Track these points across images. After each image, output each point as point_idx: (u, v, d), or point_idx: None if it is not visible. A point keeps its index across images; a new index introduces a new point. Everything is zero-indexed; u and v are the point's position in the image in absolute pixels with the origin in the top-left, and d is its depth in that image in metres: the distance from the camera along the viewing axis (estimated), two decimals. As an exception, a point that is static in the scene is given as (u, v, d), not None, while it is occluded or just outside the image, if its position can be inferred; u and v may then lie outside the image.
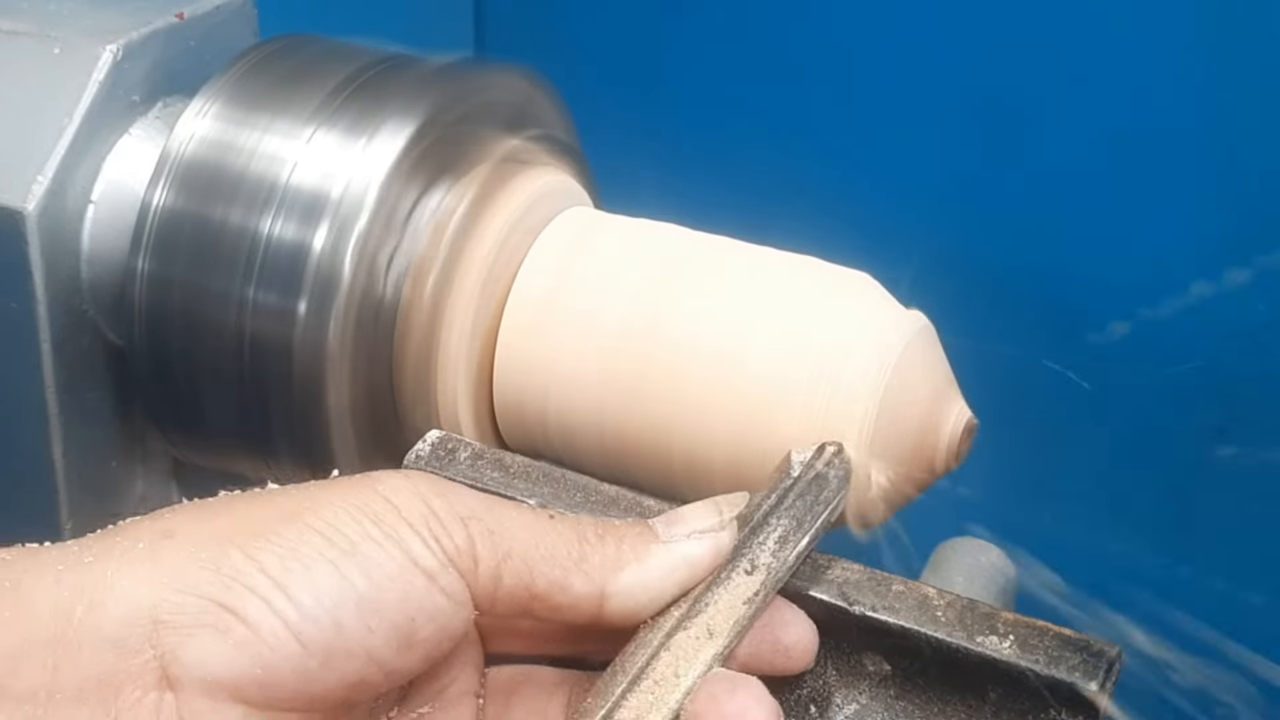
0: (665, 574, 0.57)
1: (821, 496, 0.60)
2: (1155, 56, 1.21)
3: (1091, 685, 0.56)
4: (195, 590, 0.51)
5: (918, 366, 0.69)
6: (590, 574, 0.56)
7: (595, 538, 0.57)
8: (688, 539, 0.57)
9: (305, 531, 0.52)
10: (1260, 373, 1.23)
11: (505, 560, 0.55)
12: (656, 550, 0.57)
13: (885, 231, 1.27)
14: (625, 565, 0.56)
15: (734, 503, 0.59)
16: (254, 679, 0.51)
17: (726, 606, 0.57)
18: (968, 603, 0.59)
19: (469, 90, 0.77)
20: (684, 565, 0.57)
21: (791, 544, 0.59)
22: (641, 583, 0.56)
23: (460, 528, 0.54)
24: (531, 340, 0.74)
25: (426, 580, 0.53)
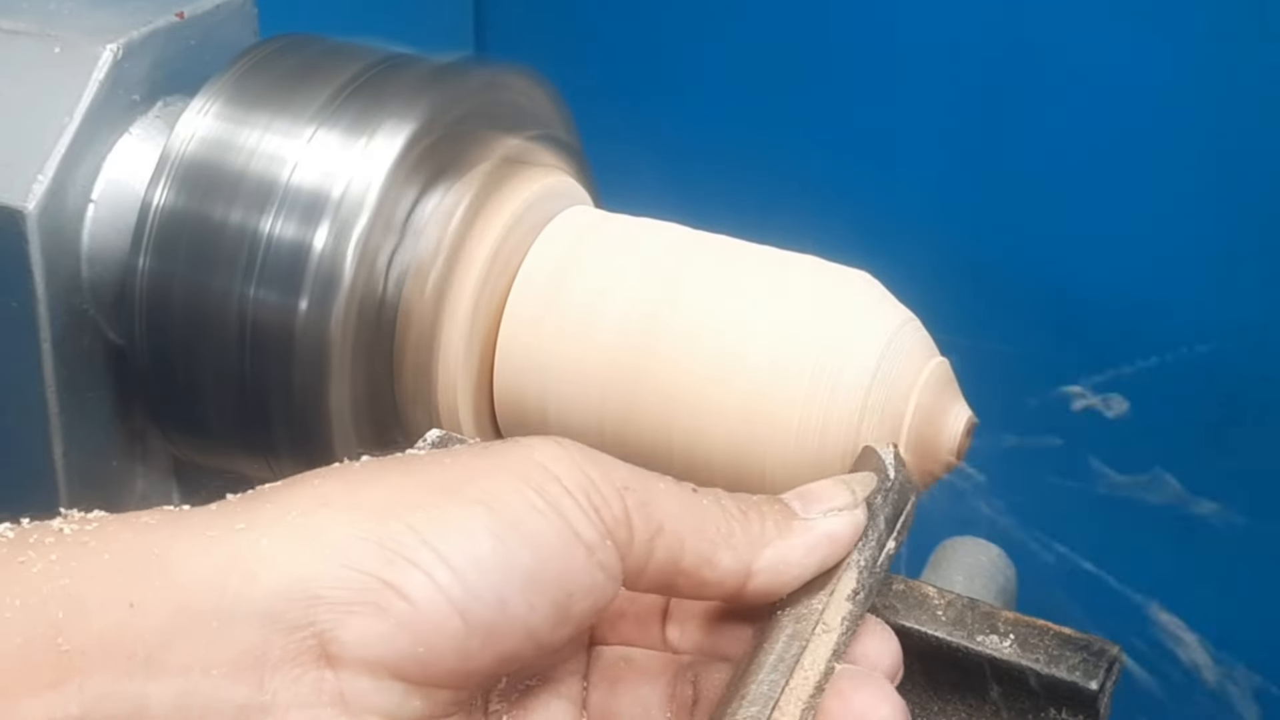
0: (808, 551, 0.55)
1: (905, 497, 0.59)
2: (1156, 56, 1.21)
3: (1091, 684, 0.56)
4: (356, 564, 0.48)
5: (917, 365, 0.69)
6: (737, 550, 0.54)
7: (739, 513, 0.55)
8: (825, 516, 0.56)
9: (468, 504, 0.49)
10: (1261, 372, 1.23)
11: (658, 534, 0.52)
12: (798, 527, 0.55)
13: (885, 231, 1.27)
14: (770, 542, 0.55)
15: (864, 483, 0.58)
16: (416, 658, 0.48)
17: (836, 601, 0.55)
18: (968, 602, 0.59)
19: (469, 90, 0.77)
20: (826, 542, 0.56)
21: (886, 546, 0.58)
22: (785, 560, 0.55)
23: (618, 499, 0.52)
24: (531, 340, 0.74)
25: (587, 554, 0.50)
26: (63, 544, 0.48)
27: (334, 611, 0.47)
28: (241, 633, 0.47)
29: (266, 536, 0.48)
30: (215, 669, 0.47)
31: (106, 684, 0.45)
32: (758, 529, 0.55)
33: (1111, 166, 1.25)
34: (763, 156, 1.36)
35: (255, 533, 0.48)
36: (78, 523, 0.49)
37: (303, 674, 0.48)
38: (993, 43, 1.27)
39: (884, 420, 0.69)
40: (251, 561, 0.47)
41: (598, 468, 0.52)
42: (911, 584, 0.60)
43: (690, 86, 1.42)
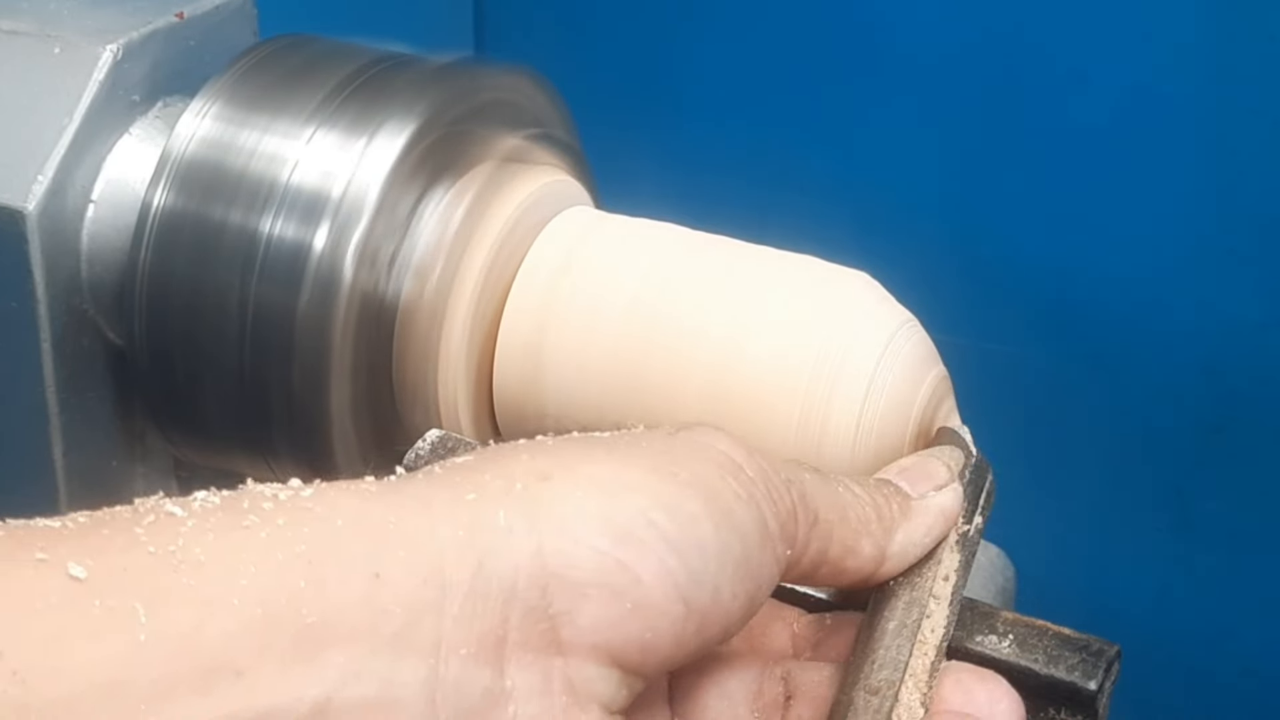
0: (928, 530, 0.56)
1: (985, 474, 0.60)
2: (1155, 55, 1.21)
3: (1091, 684, 0.56)
4: (589, 542, 0.46)
5: (917, 366, 0.70)
6: (875, 536, 0.54)
7: (869, 499, 0.55)
8: (937, 495, 0.57)
9: (685, 487, 0.48)
10: (1260, 373, 1.23)
11: (815, 525, 0.52)
12: (917, 508, 0.56)
13: (885, 231, 1.27)
14: (897, 526, 0.55)
15: (954, 457, 0.59)
16: (641, 644, 0.47)
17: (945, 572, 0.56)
18: (967, 602, 0.59)
19: (469, 90, 0.77)
20: (941, 520, 0.56)
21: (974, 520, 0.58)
22: (912, 541, 0.55)
23: (787, 491, 0.51)
24: (532, 340, 0.74)
25: (774, 546, 0.50)
26: (285, 509, 0.44)
27: (570, 591, 0.46)
28: (484, 610, 0.45)
29: (502, 509, 0.46)
30: (462, 649, 0.44)
31: (355, 661, 0.42)
32: (888, 513, 0.55)
33: (1111, 167, 1.25)
34: (762, 157, 1.36)
35: (490, 504, 0.46)
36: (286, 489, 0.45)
37: (534, 661, 0.46)
38: (992, 43, 1.27)
39: (884, 420, 0.69)
40: (492, 535, 0.45)
41: (767, 459, 0.51)
42: (911, 584, 0.60)
43: (690, 87, 1.42)
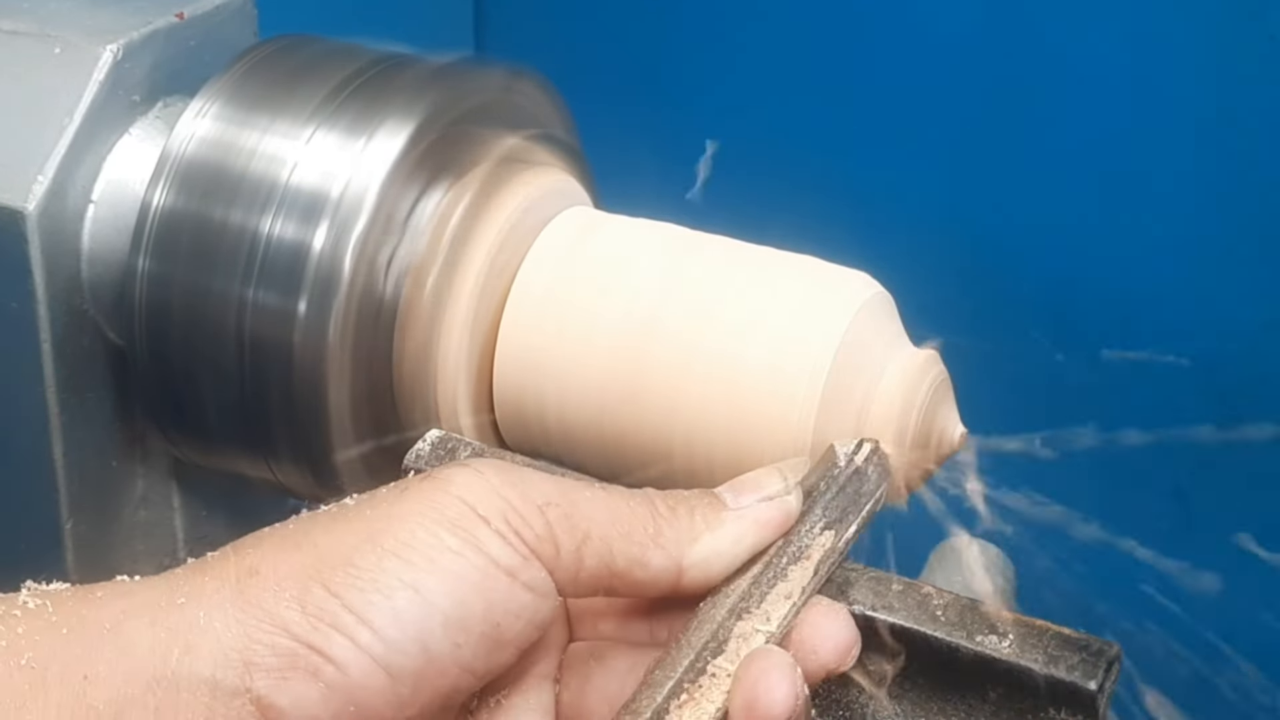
0: (737, 540, 0.57)
1: (863, 489, 0.60)
2: (1156, 56, 1.21)
3: (1091, 684, 0.56)
4: (284, 631, 0.51)
5: (917, 366, 0.70)
6: (667, 547, 0.56)
7: (668, 510, 0.57)
8: (757, 505, 0.58)
9: (383, 557, 0.52)
10: (1260, 373, 1.23)
11: (585, 542, 0.54)
12: (728, 518, 0.57)
13: (885, 231, 1.27)
14: (699, 536, 0.56)
15: (796, 468, 0.59)
16: (349, 715, 0.51)
17: (778, 594, 0.57)
18: (968, 602, 0.59)
19: (469, 90, 0.77)
20: (754, 530, 0.57)
21: (839, 533, 0.59)
22: (716, 551, 0.56)
23: (538, 516, 0.54)
24: (531, 340, 0.74)
25: (509, 580, 0.53)
26: (28, 618, 0.51)
27: (268, 678, 0.50)
28: (186, 701, 0.50)
29: (204, 609, 0.51)
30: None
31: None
32: (686, 524, 0.56)
33: (1111, 167, 1.25)
34: (762, 157, 1.36)
35: (195, 606, 0.51)
36: (40, 595, 0.52)
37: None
38: (992, 43, 1.27)
39: (884, 422, 0.69)
40: (192, 634, 0.50)
41: (516, 488, 0.54)
42: (911, 584, 0.60)
43: (690, 86, 1.42)
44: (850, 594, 0.60)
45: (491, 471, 0.55)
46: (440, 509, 0.53)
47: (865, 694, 0.61)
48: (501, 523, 0.53)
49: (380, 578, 0.51)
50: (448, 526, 0.53)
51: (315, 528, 0.54)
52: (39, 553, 0.81)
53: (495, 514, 0.53)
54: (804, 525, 0.58)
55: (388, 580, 0.51)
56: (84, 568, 0.81)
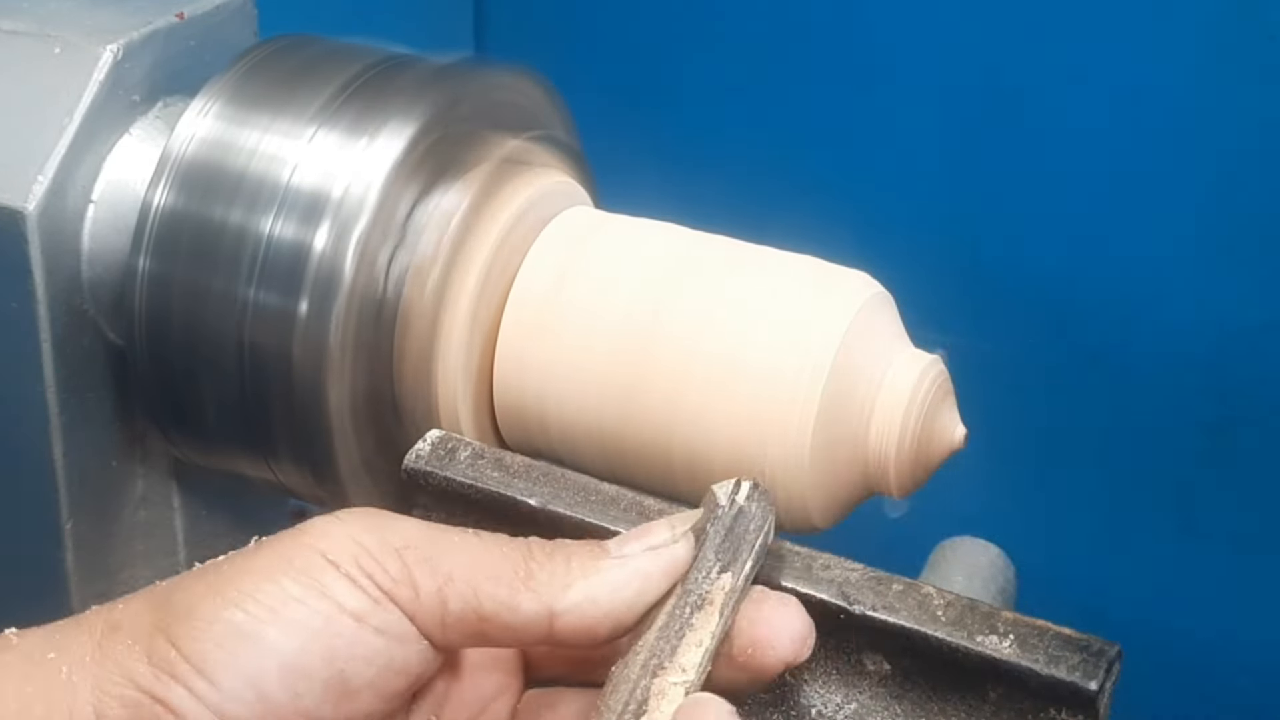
0: (615, 589, 0.56)
1: (751, 526, 0.59)
2: (1155, 55, 1.21)
3: (1091, 684, 0.56)
4: (131, 683, 0.53)
5: (918, 368, 0.70)
6: (538, 591, 0.55)
7: (544, 556, 0.56)
8: (640, 554, 0.57)
9: (224, 608, 0.53)
10: (1260, 373, 1.23)
11: (447, 583, 0.54)
12: (607, 565, 0.56)
13: (885, 231, 1.27)
14: (573, 582, 0.56)
15: (686, 518, 0.59)
16: None
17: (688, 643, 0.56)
18: (968, 602, 0.59)
19: (469, 90, 0.77)
20: (635, 579, 0.56)
21: (735, 572, 0.58)
22: (590, 598, 0.56)
23: (394, 559, 0.54)
24: (531, 340, 0.74)
25: (356, 625, 0.53)
26: None
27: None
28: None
29: (68, 664, 0.53)
30: None
31: None
32: (561, 570, 0.56)
33: (1111, 167, 1.25)
34: (762, 156, 1.36)
35: (61, 660, 0.53)
36: None
37: None
38: (992, 44, 1.27)
39: (885, 424, 0.69)
40: (54, 690, 0.53)
41: (373, 533, 0.55)
42: (911, 584, 0.60)
43: (690, 86, 1.42)
44: (850, 595, 0.60)
45: (354, 519, 0.56)
46: (289, 558, 0.54)
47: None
48: (352, 566, 0.54)
49: (215, 627, 0.53)
50: (293, 575, 0.54)
51: (178, 583, 0.56)
52: (39, 553, 0.81)
53: (346, 558, 0.54)
54: (699, 571, 0.58)
55: (224, 629, 0.53)
56: (84, 568, 0.81)
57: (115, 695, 0.53)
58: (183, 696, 0.52)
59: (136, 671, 0.53)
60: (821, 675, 0.62)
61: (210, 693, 0.52)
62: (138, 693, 0.52)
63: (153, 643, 0.53)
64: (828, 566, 0.61)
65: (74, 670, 0.53)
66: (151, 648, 0.53)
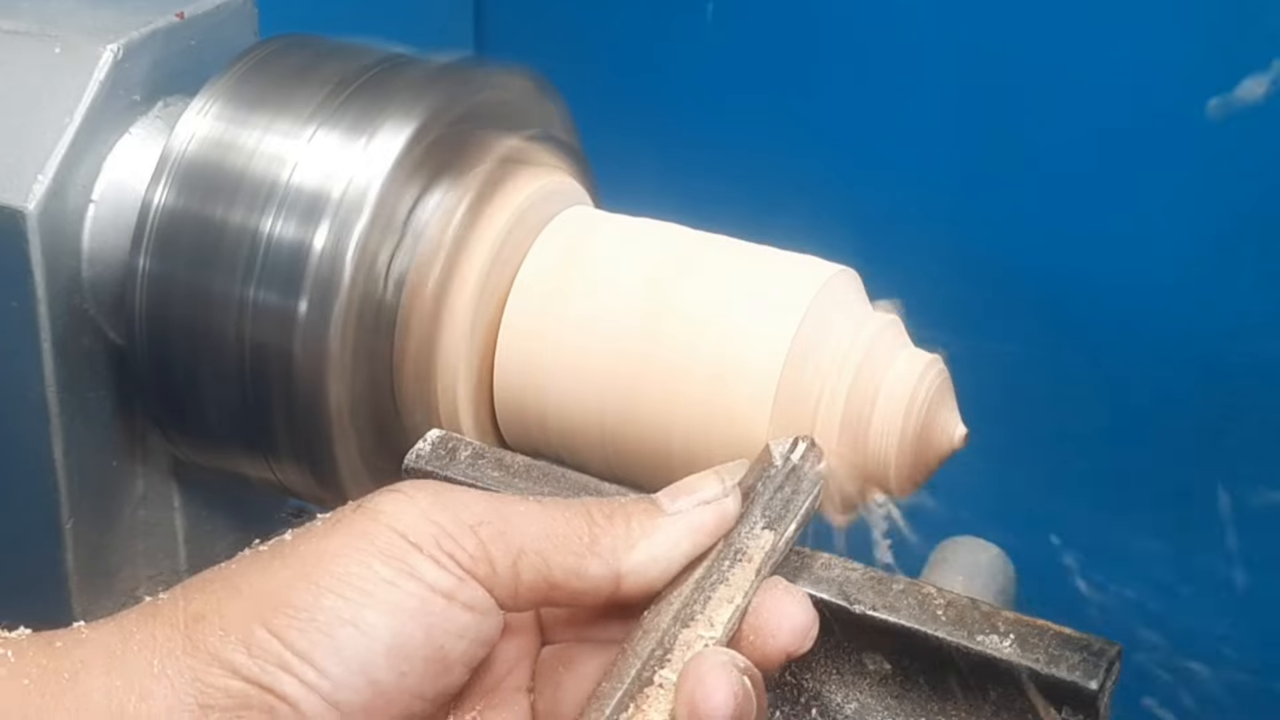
0: (673, 545, 0.57)
1: (801, 487, 0.60)
2: (1155, 56, 1.21)
3: (1091, 684, 0.56)
4: (234, 674, 0.52)
5: (919, 368, 0.70)
6: (603, 555, 0.56)
7: (604, 519, 0.57)
8: (693, 509, 0.58)
9: (320, 595, 0.53)
10: (1260, 373, 1.23)
11: (520, 557, 0.55)
12: (664, 524, 0.58)
13: (885, 231, 1.27)
14: (635, 543, 0.57)
15: (734, 471, 0.60)
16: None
17: (720, 597, 0.57)
18: (968, 602, 0.59)
19: (469, 90, 0.77)
20: (690, 535, 0.58)
21: (779, 532, 0.59)
22: (652, 557, 0.57)
23: (470, 536, 0.55)
24: (531, 340, 0.74)
25: (446, 603, 0.54)
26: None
27: (224, 717, 0.52)
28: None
29: (156, 656, 0.53)
30: None
31: None
32: (623, 532, 0.57)
33: (1111, 167, 1.25)
34: (762, 156, 1.36)
35: (148, 653, 0.53)
36: (2, 644, 0.54)
37: None
38: (993, 43, 1.27)
39: (885, 422, 0.69)
40: (146, 681, 0.52)
41: (446, 511, 0.55)
42: (911, 584, 0.60)
43: (690, 86, 1.42)
44: (851, 594, 0.60)
45: (421, 495, 0.56)
46: (371, 539, 0.54)
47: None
48: (434, 548, 0.54)
49: (318, 616, 0.53)
50: (380, 557, 0.54)
51: (254, 569, 0.55)
52: (39, 553, 0.81)
53: (427, 539, 0.54)
54: (744, 526, 0.59)
55: (326, 618, 0.53)
56: (84, 568, 0.81)
57: (218, 686, 0.52)
58: (294, 685, 0.52)
59: (237, 662, 0.52)
60: (821, 675, 0.62)
61: (321, 681, 0.52)
62: (244, 684, 0.52)
63: (250, 632, 0.53)
64: (828, 566, 0.61)
65: (165, 662, 0.53)
66: (249, 638, 0.53)
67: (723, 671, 0.54)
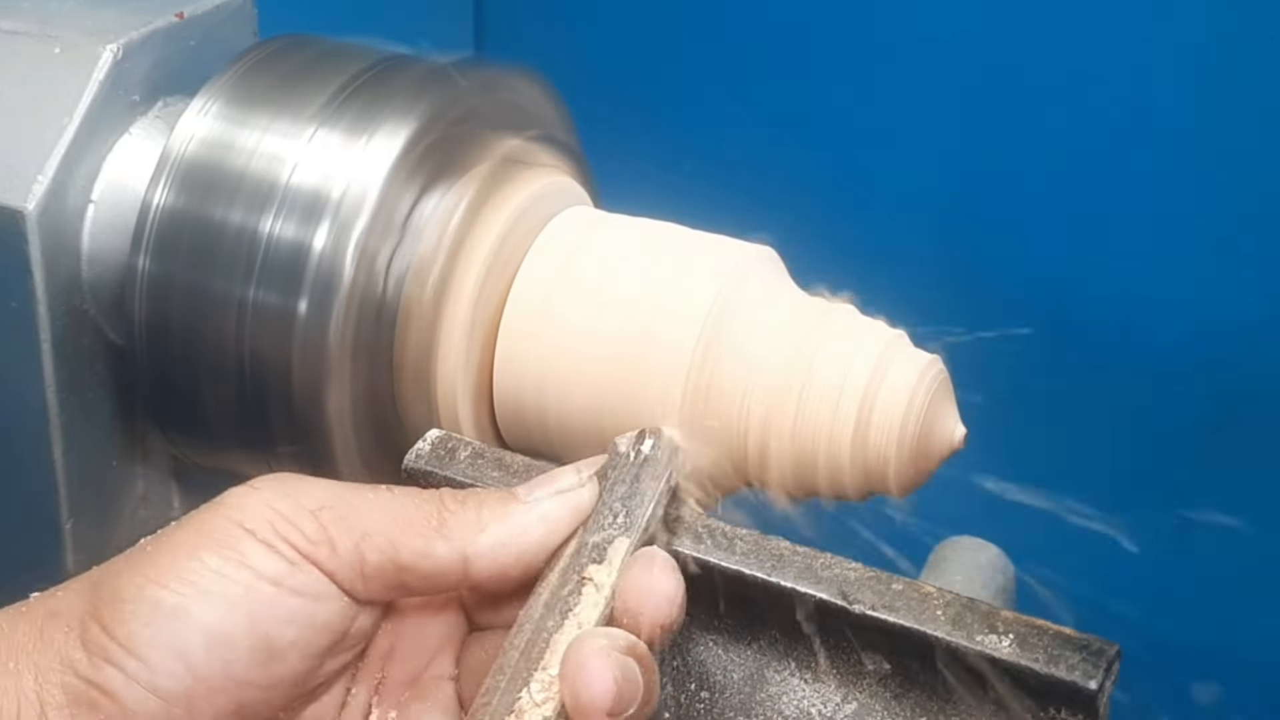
0: (523, 531, 0.59)
1: (653, 474, 0.62)
2: (1155, 55, 1.21)
3: (1091, 684, 0.56)
4: (71, 670, 0.54)
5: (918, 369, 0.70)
6: (450, 538, 0.58)
7: (456, 505, 0.59)
8: (549, 499, 0.60)
9: (145, 587, 0.55)
10: (1260, 373, 1.23)
11: (364, 538, 0.56)
12: (515, 509, 0.59)
13: (886, 231, 1.27)
14: (485, 527, 0.58)
15: (593, 462, 0.62)
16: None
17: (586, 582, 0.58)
18: (967, 601, 0.59)
19: (469, 90, 0.77)
20: (542, 522, 0.59)
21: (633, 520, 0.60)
22: (501, 541, 0.58)
23: (309, 520, 0.56)
24: (531, 340, 0.74)
25: (274, 589, 0.55)
26: None
27: (59, 714, 0.54)
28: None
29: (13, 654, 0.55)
30: None
31: None
32: (473, 517, 0.58)
33: (1110, 166, 1.25)
34: (762, 156, 1.36)
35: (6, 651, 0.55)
36: None
37: None
38: (993, 43, 1.27)
39: (883, 420, 0.69)
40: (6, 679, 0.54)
41: (288, 498, 0.56)
42: (911, 583, 0.60)
43: (690, 86, 1.42)
44: (850, 594, 0.60)
45: (268, 485, 0.57)
46: (207, 532, 0.56)
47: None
48: (269, 532, 0.55)
49: (141, 607, 0.54)
50: (212, 547, 0.55)
51: (109, 567, 0.57)
52: (39, 553, 0.81)
53: (262, 525, 0.56)
54: (602, 516, 0.60)
55: (148, 609, 0.54)
56: (84, 568, 0.81)
57: (56, 683, 0.54)
58: (115, 678, 0.53)
59: (74, 658, 0.54)
60: (822, 675, 0.62)
61: (141, 671, 0.53)
62: (75, 679, 0.54)
63: (85, 628, 0.54)
64: (828, 565, 0.61)
65: (20, 660, 0.54)
66: (85, 633, 0.54)
67: (601, 656, 0.55)
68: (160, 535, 0.57)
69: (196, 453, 0.81)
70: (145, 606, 0.54)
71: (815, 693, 0.62)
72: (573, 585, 0.58)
